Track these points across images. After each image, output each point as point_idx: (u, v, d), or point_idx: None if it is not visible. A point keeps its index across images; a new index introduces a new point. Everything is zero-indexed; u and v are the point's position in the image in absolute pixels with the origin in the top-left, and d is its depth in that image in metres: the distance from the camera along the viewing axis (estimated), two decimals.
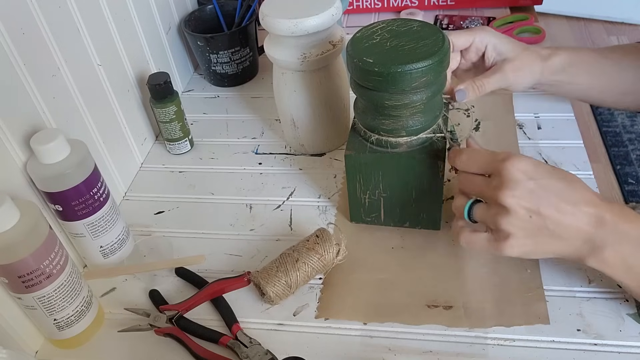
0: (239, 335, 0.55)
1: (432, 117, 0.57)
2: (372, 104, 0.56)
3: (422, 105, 0.55)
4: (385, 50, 0.53)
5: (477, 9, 1.05)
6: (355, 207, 0.65)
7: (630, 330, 0.53)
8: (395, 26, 0.56)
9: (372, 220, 0.65)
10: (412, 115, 0.56)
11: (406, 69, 0.51)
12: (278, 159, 0.78)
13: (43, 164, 0.55)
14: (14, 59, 0.54)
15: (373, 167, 0.59)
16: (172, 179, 0.77)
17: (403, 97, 0.53)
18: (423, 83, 0.52)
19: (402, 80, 0.51)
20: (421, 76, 0.51)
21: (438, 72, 0.53)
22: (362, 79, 0.54)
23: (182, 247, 0.67)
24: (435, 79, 0.53)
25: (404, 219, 0.64)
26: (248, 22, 0.89)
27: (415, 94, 0.53)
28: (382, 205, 0.63)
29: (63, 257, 0.53)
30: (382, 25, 0.57)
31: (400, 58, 0.52)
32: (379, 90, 0.54)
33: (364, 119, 0.58)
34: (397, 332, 0.55)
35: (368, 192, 0.62)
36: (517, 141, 0.74)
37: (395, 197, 0.61)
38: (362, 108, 0.59)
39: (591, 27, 2.45)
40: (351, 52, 0.54)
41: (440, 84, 0.55)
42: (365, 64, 0.52)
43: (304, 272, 0.58)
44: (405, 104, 0.54)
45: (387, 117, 0.56)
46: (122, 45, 0.74)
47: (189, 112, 0.87)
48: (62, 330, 0.55)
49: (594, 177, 0.68)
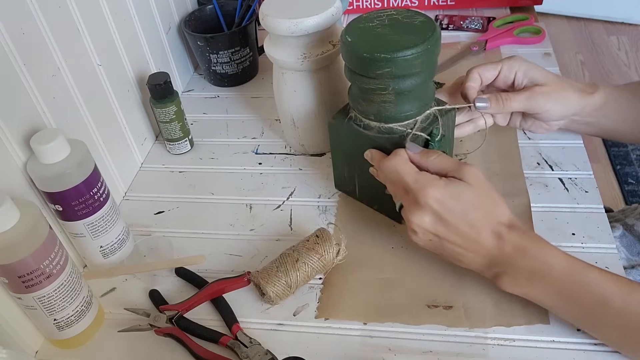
0: (239, 335, 0.55)
1: (409, 111, 0.58)
2: (350, 82, 0.60)
3: (392, 96, 0.56)
4: (370, 35, 0.56)
5: (477, 9, 1.05)
6: (338, 174, 0.69)
7: None
8: (401, 16, 0.57)
9: (351, 192, 0.69)
10: (383, 103, 0.57)
11: (371, 56, 0.53)
12: (278, 159, 0.78)
13: (43, 164, 0.55)
14: (14, 59, 0.54)
15: (349, 141, 0.63)
16: (172, 179, 0.77)
17: (369, 82, 0.56)
18: (387, 74, 0.54)
19: (366, 65, 0.54)
20: (384, 66, 0.53)
21: (402, 69, 0.54)
22: (343, 54, 0.58)
23: (182, 247, 0.67)
24: (399, 73, 0.54)
25: (374, 201, 0.67)
26: (248, 22, 0.89)
27: (380, 82, 0.55)
28: (357, 181, 0.66)
29: (63, 257, 0.53)
30: (390, 12, 0.58)
31: (374, 45, 0.54)
32: (352, 70, 0.57)
33: (349, 95, 0.62)
34: (397, 332, 0.55)
35: (347, 164, 0.66)
36: (517, 141, 0.74)
37: (366, 177, 0.62)
38: (350, 84, 0.62)
39: (591, 27, 2.45)
40: (345, 28, 0.57)
41: (412, 84, 0.56)
42: (345, 41, 0.56)
43: (304, 272, 0.58)
44: (372, 89, 0.56)
45: (361, 98, 0.59)
46: (122, 45, 0.74)
47: (189, 112, 0.87)
48: (62, 330, 0.55)
49: (593, 177, 0.68)
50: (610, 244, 0.60)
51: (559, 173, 0.70)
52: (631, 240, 0.78)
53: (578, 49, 2.33)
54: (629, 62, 2.23)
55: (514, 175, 0.70)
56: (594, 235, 0.62)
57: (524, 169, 0.70)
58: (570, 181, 0.68)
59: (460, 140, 0.76)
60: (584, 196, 0.66)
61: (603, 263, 0.59)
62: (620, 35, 2.39)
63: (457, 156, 0.73)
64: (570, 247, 0.61)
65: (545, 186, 0.68)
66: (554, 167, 0.70)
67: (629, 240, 0.78)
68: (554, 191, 0.67)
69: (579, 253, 0.60)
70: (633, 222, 0.79)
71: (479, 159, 0.72)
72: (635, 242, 0.77)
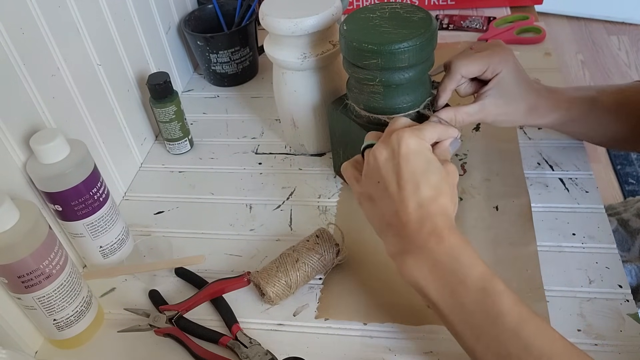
0: (238, 335, 0.55)
1: (398, 105, 0.58)
2: (345, 70, 0.60)
3: (381, 88, 0.57)
4: (367, 26, 0.57)
5: (478, 9, 1.05)
6: (336, 158, 0.71)
7: (630, 330, 0.53)
8: (403, 10, 0.58)
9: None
10: (372, 93, 0.58)
11: (359, 46, 0.55)
12: (278, 159, 0.78)
13: (43, 164, 0.55)
14: (13, 59, 0.54)
15: (342, 127, 0.65)
16: (172, 179, 0.77)
17: (359, 71, 0.57)
18: (374, 65, 0.55)
19: (356, 54, 0.56)
20: (371, 57, 0.54)
21: (389, 62, 0.54)
22: (340, 41, 0.59)
23: (182, 247, 0.67)
24: (386, 65, 0.54)
25: None
26: (248, 22, 0.89)
27: (369, 73, 0.56)
28: None
29: (63, 257, 0.53)
30: (394, 5, 0.59)
31: (365, 35, 0.55)
32: (346, 58, 0.59)
33: (347, 83, 0.63)
34: (397, 332, 0.55)
35: (342, 150, 0.68)
36: (517, 141, 0.74)
37: None
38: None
39: (591, 26, 2.45)
40: (347, 16, 0.58)
41: (401, 78, 0.56)
42: (341, 29, 0.57)
43: (304, 272, 0.58)
44: (361, 79, 0.57)
45: (354, 87, 0.60)
46: (122, 45, 0.74)
47: (189, 112, 0.87)
48: (61, 331, 0.55)
49: (594, 177, 0.68)
50: (611, 244, 0.60)
51: (560, 173, 0.70)
52: (623, 236, 0.78)
53: (578, 48, 2.33)
54: (630, 61, 2.23)
55: (514, 176, 0.70)
56: (595, 235, 0.62)
57: (525, 169, 0.70)
58: (570, 181, 0.68)
59: (461, 140, 0.75)
60: (584, 196, 0.66)
61: (603, 263, 0.59)
62: (620, 35, 2.39)
63: (457, 156, 0.73)
64: (570, 247, 0.61)
65: (546, 186, 0.68)
66: (555, 167, 0.70)
67: (621, 236, 0.78)
68: (554, 191, 0.67)
69: (580, 253, 0.60)
70: (629, 217, 0.79)
71: (480, 159, 0.72)
72: (627, 238, 0.77)
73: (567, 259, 0.60)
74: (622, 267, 0.58)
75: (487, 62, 0.58)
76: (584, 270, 0.58)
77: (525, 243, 0.61)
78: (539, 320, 0.44)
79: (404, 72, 0.56)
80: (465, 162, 0.72)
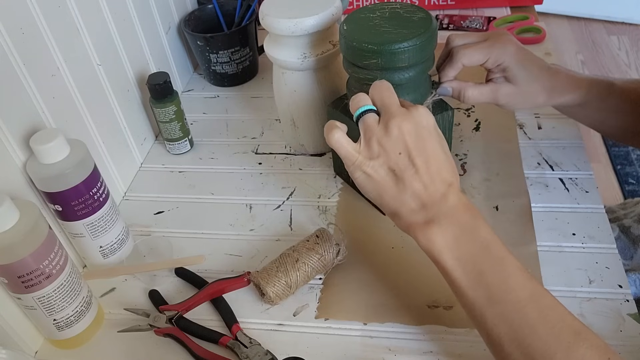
0: (238, 335, 0.55)
1: None
2: (346, 69, 0.61)
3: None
4: (366, 25, 0.57)
5: (478, 9, 1.05)
6: (336, 158, 0.72)
7: (630, 330, 0.53)
8: (403, 10, 0.58)
9: (346, 178, 0.71)
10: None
11: (359, 46, 0.55)
12: (278, 159, 0.78)
13: (43, 164, 0.55)
14: (13, 59, 0.54)
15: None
16: (172, 179, 0.77)
17: (359, 71, 0.58)
18: (374, 65, 0.55)
19: (355, 54, 0.56)
20: (371, 57, 0.55)
21: (389, 62, 0.54)
22: (339, 41, 0.60)
23: (182, 247, 0.67)
24: (386, 65, 0.55)
25: None
26: (248, 22, 0.89)
27: (369, 73, 0.57)
28: None
29: (63, 257, 0.53)
30: (394, 5, 0.59)
31: (365, 35, 0.55)
32: (346, 58, 0.59)
33: (347, 83, 0.64)
34: (397, 332, 0.55)
35: None
36: (517, 141, 0.74)
37: None
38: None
39: (591, 26, 2.45)
40: (347, 16, 0.59)
41: (401, 78, 0.56)
42: (341, 28, 0.58)
43: (304, 272, 0.58)
44: (361, 79, 0.58)
45: (354, 87, 0.61)
46: (122, 45, 0.74)
47: (189, 112, 0.87)
48: (61, 331, 0.55)
49: (594, 177, 0.68)
50: (611, 244, 0.60)
51: (560, 173, 0.70)
52: (625, 243, 0.77)
53: (578, 48, 2.33)
54: (630, 61, 2.23)
55: (514, 175, 0.70)
56: (595, 235, 0.62)
57: (525, 169, 0.70)
58: (570, 181, 0.68)
59: (461, 140, 0.76)
60: (584, 196, 0.66)
61: (603, 263, 0.59)
62: (620, 35, 2.39)
63: (457, 156, 0.73)
64: (570, 247, 0.61)
65: (546, 186, 0.68)
66: (555, 167, 0.70)
67: (622, 243, 0.77)
68: (554, 191, 0.67)
69: (580, 253, 0.60)
70: (630, 223, 0.78)
71: (480, 159, 0.72)
72: (629, 246, 0.76)
73: (567, 259, 0.60)
74: (622, 267, 0.58)
75: (487, 53, 0.60)
76: (584, 270, 0.58)
77: (525, 243, 0.61)
78: (552, 296, 0.46)
79: (404, 72, 0.56)
80: (465, 162, 0.72)
